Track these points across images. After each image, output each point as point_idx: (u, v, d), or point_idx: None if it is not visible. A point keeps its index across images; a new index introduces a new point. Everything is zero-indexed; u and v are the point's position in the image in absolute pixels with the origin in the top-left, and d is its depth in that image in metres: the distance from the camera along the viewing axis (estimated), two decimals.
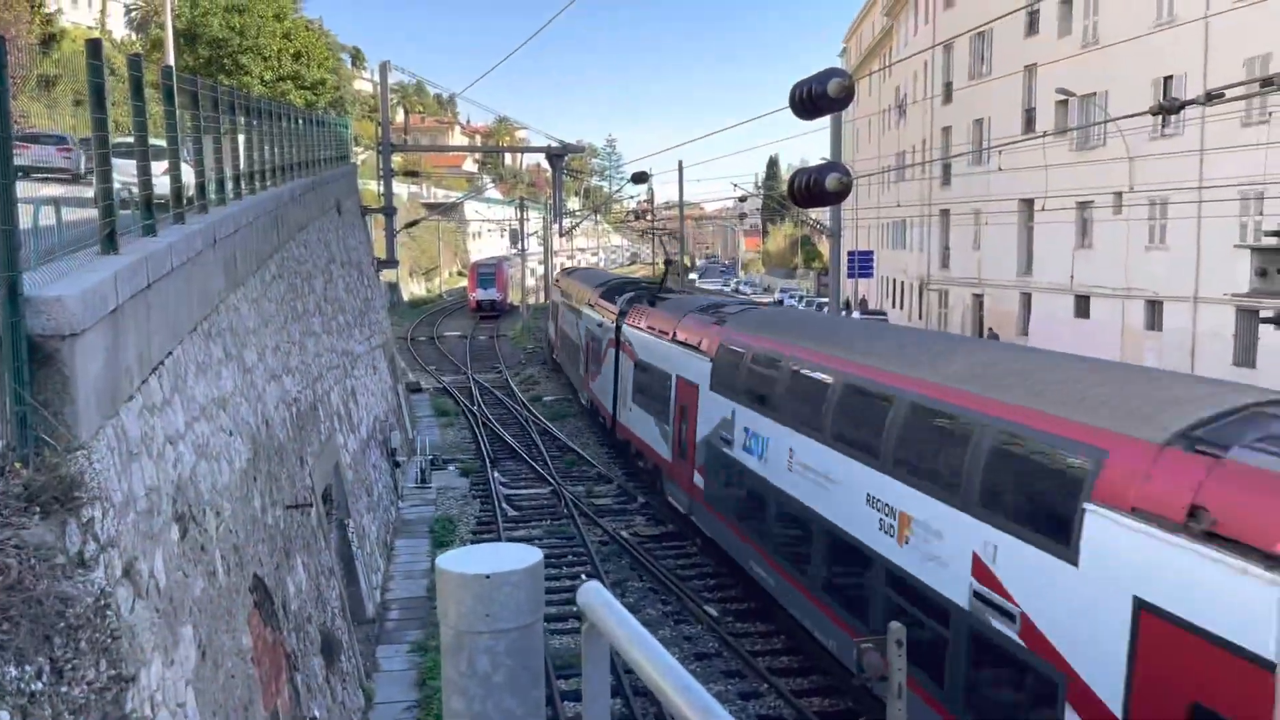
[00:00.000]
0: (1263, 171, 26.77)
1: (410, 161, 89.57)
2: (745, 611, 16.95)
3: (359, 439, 19.75)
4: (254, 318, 12.30)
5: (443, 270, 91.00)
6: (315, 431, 14.99)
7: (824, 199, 8.71)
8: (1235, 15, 29.33)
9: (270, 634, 9.50)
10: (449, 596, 2.19)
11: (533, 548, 2.31)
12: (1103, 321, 36.55)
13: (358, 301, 25.28)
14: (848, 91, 7.89)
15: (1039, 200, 38.36)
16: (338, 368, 19.12)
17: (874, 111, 64.91)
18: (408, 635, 15.78)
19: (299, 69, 50.01)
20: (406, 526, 21.64)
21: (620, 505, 23.68)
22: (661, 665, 1.92)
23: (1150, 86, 33.04)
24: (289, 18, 50.79)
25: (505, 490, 24.82)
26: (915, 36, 54.86)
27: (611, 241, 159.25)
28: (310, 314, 17.39)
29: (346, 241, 26.06)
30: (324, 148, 26.99)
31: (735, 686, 14.43)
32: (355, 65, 77.83)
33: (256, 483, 10.30)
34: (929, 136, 52.30)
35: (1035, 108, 41.47)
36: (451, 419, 33.90)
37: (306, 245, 18.91)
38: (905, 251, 57.90)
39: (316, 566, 12.62)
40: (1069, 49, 37.97)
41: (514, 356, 50.45)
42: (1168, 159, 31.68)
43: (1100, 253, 36.90)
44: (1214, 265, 30.49)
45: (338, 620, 13.05)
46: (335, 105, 53.88)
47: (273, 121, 18.49)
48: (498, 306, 67.69)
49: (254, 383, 11.40)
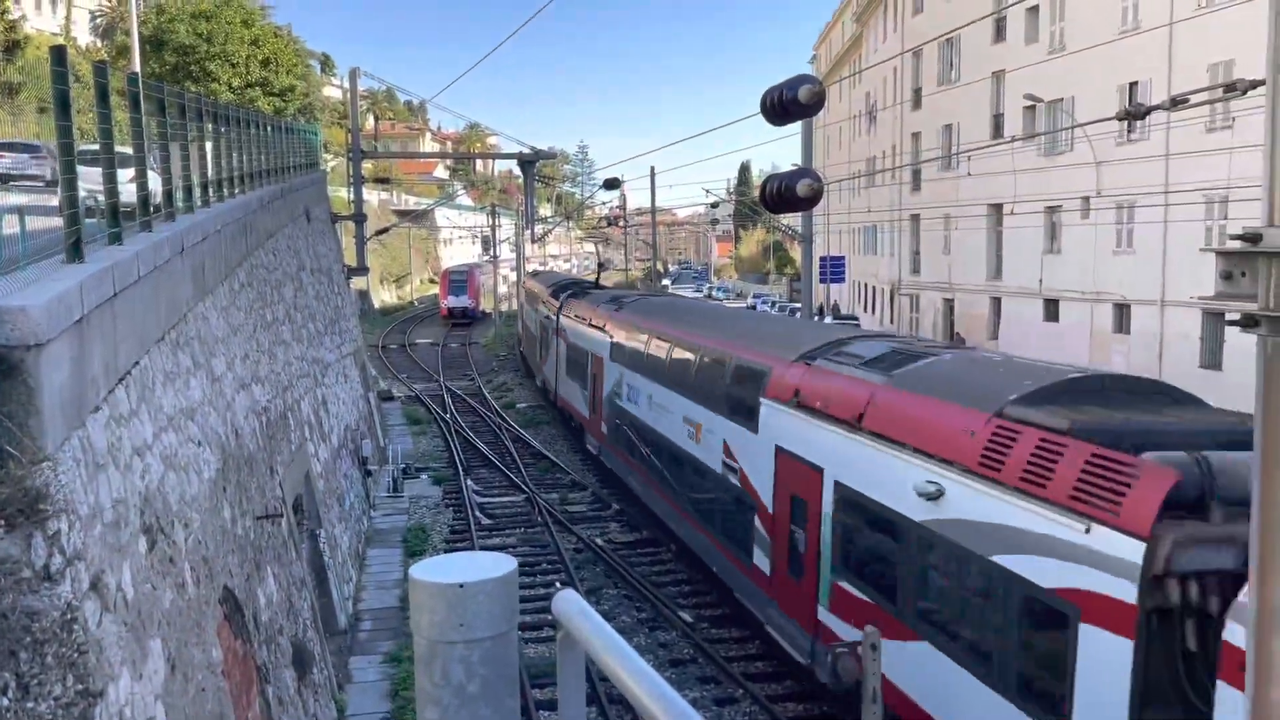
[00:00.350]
0: (1227, 176, 27.16)
1: (381, 168, 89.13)
2: (720, 617, 16.96)
3: (330, 448, 19.61)
4: (223, 326, 12.19)
5: (414, 277, 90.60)
6: (285, 441, 14.86)
7: (796, 204, 8.74)
8: (1198, 22, 29.78)
9: (241, 646, 9.40)
10: (422, 606, 2.17)
11: (506, 556, 2.30)
12: (1071, 324, 36.95)
13: (328, 309, 25.11)
14: (818, 97, 7.94)
15: (1008, 205, 38.75)
16: (308, 376, 18.97)
17: (844, 117, 65.34)
18: (381, 646, 15.67)
19: (267, 75, 49.65)
20: (379, 536, 21.48)
21: (595, 512, 23.64)
22: (637, 673, 1.91)
23: (1116, 92, 33.46)
24: (257, 24, 50.40)
25: (478, 498, 24.71)
26: (884, 43, 55.30)
27: (585, 248, 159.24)
28: (280, 322, 17.25)
29: (316, 249, 25.88)
30: (293, 155, 26.81)
31: (710, 692, 14.42)
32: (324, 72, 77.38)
33: (226, 493, 10.20)
34: (899, 142, 52.71)
35: (1003, 113, 41.90)
36: (424, 427, 33.73)
37: (276, 253, 18.76)
38: (876, 256, 58.27)
39: (288, 577, 12.50)
40: (1036, 55, 38.42)
41: (486, 364, 50.29)
42: (1134, 164, 32.10)
43: (1068, 257, 37.30)
44: (1180, 269, 30.90)
45: (309, 631, 12.93)
46: (304, 112, 53.51)
47: (241, 128, 18.35)
48: (470, 313, 67.46)
49: (223, 392, 11.29)
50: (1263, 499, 2.31)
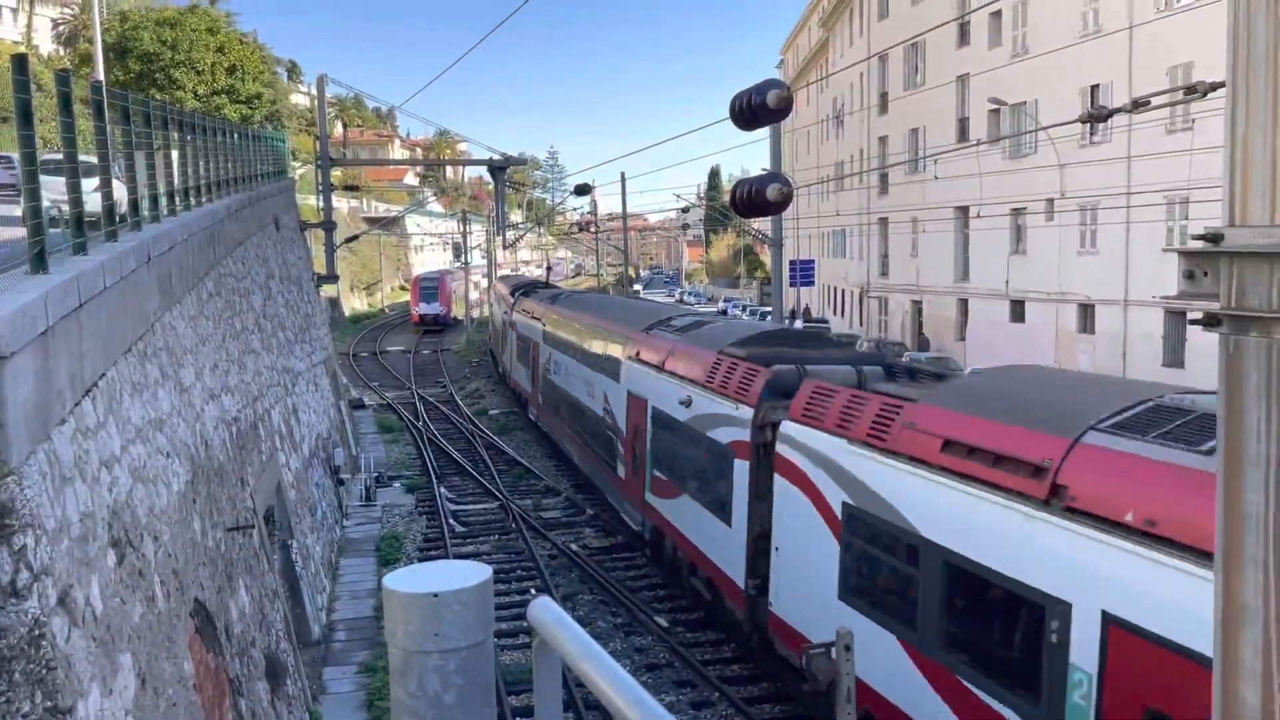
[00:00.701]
0: (1187, 177, 27.58)
1: (350, 175, 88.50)
2: (695, 621, 16.98)
3: (301, 457, 19.46)
4: (191, 336, 12.08)
5: (385, 285, 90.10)
6: (256, 451, 14.73)
7: (765, 209, 8.79)
8: (1157, 26, 30.23)
9: (213, 659, 9.30)
10: (396, 617, 2.17)
11: (481, 564, 2.30)
12: (1037, 325, 37.35)
13: (298, 318, 24.93)
14: (786, 102, 7.98)
15: (974, 207, 39.14)
16: (278, 385, 18.82)
17: (812, 122, 65.73)
18: (355, 656, 15.55)
19: (233, 83, 49.23)
20: (352, 545, 21.33)
21: (569, 518, 23.60)
22: (613, 678, 1.92)
23: (1078, 95, 33.90)
24: (222, 31, 49.96)
25: (452, 506, 24.60)
26: (851, 48, 55.69)
27: (556, 254, 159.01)
28: (249, 331, 17.11)
29: (285, 257, 25.70)
30: (261, 162, 26.61)
31: (687, 696, 14.43)
32: (292, 79, 76.84)
33: (196, 505, 10.10)
34: (866, 146, 53.09)
35: (969, 117, 42.32)
36: (396, 435, 33.54)
37: (244, 261, 18.61)
38: (845, 260, 58.63)
39: (260, 589, 12.39)
40: (999, 59, 38.85)
41: (459, 370, 50.08)
42: (1096, 166, 32.54)
43: (1034, 258, 37.71)
44: (1143, 269, 31.32)
45: (282, 643, 12.81)
46: (272, 119, 53.12)
47: (207, 136, 18.19)
48: (441, 320, 67.19)
49: (192, 403, 11.18)
50: (1227, 496, 2.35)
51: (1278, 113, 2.17)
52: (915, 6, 45.78)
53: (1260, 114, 2.21)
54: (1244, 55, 2.22)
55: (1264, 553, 2.26)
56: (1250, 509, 2.29)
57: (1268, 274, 2.22)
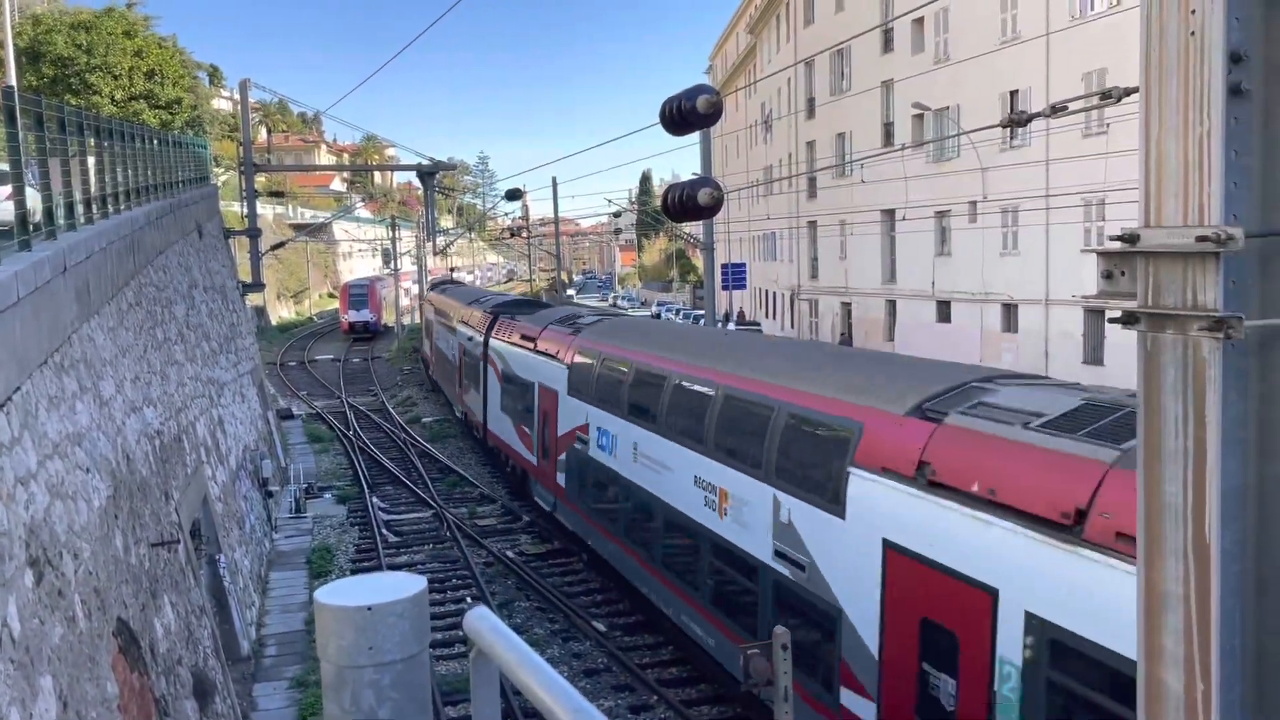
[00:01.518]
0: (1103, 179, 28.40)
1: (275, 181, 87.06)
2: (633, 625, 16.98)
3: (228, 470, 19.02)
4: (110, 348, 11.73)
5: (313, 292, 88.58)
6: (181, 464, 14.37)
7: (697, 213, 8.84)
8: (1072, 33, 31.10)
9: (138, 679, 9.04)
10: (329, 631, 2.12)
11: (416, 575, 2.26)
12: (963, 325, 38.12)
13: (223, 327, 24.39)
14: (716, 107, 8.03)
15: (900, 210, 39.83)
16: (203, 397, 18.38)
17: (742, 127, 66.29)
18: (287, 671, 15.24)
19: (152, 88, 47.96)
20: (282, 558, 20.92)
21: (505, 525, 23.44)
22: (551, 687, 1.91)
23: (998, 100, 34.72)
24: (140, 35, 48.65)
25: (385, 516, 24.26)
26: (778, 54, 56.32)
27: (488, 259, 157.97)
28: (172, 342, 16.69)
29: (209, 265, 25.12)
30: (182, 169, 25.99)
31: (626, 700, 14.42)
32: (213, 83, 75.05)
33: (118, 521, 9.81)
34: (794, 150, 53.70)
35: (893, 122, 43.07)
36: (326, 445, 32.98)
37: (166, 270, 18.15)
38: (776, 263, 59.22)
39: (186, 605, 12.08)
40: (922, 65, 39.60)
41: (390, 378, 49.44)
42: (1017, 169, 33.33)
43: (958, 260, 38.50)
44: (1063, 269, 32.18)
45: (211, 660, 12.51)
46: (193, 125, 51.85)
47: (125, 142, 17.71)
48: (371, 327, 66.28)
49: (112, 416, 10.86)
50: (1146, 488, 2.42)
51: (1189, 117, 2.25)
52: (840, 13, 46.47)
53: (1172, 118, 2.28)
54: (1156, 61, 2.29)
55: (1183, 543, 2.33)
56: (1169, 500, 2.36)
57: (1182, 273, 2.29)
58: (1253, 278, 2.26)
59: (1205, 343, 2.23)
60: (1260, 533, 2.32)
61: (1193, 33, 2.20)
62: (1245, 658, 2.32)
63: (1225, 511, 2.27)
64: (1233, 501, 2.28)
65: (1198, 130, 2.22)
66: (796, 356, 14.16)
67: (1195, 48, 2.20)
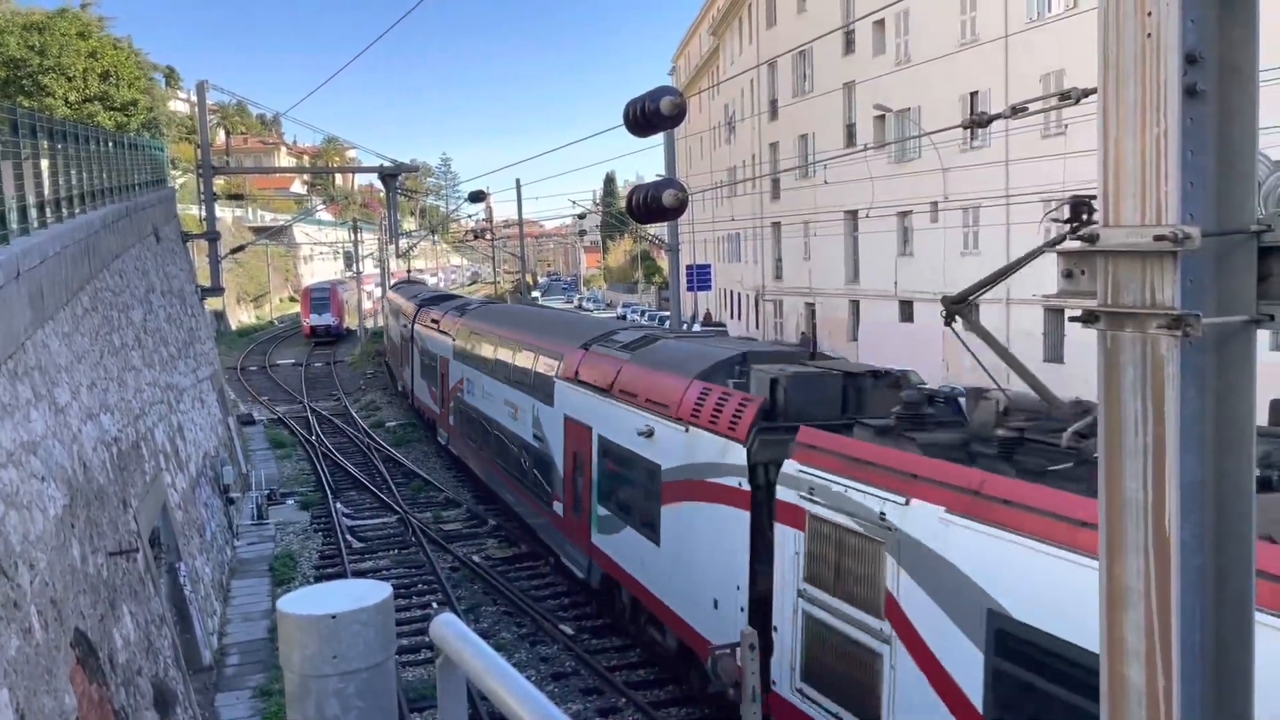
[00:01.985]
0: (1062, 179, 28.78)
1: (234, 184, 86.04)
2: (601, 628, 16.95)
3: (188, 477, 18.76)
4: (66, 354, 11.53)
5: (273, 296, 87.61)
6: (139, 471, 14.15)
7: (661, 214, 8.84)
8: (1030, 35, 31.50)
9: (96, 690, 8.88)
10: (292, 641, 2.09)
11: (381, 583, 2.24)
12: (925, 324, 38.46)
13: (181, 332, 24.06)
14: (680, 109, 8.04)
15: (863, 211, 40.12)
16: (162, 403, 18.12)
17: (705, 128, 66.46)
18: (250, 680, 15.05)
19: (107, 89, 47.19)
20: (244, 566, 20.66)
21: (470, 529, 23.31)
22: (518, 692, 1.89)
23: (958, 101, 35.09)
24: (95, 36, 47.85)
25: (349, 521, 24.04)
26: (741, 55, 56.53)
27: (451, 261, 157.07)
28: (129, 347, 16.43)
29: (167, 269, 24.78)
30: (139, 171, 25.60)
31: (594, 704, 14.39)
32: (170, 85, 73.98)
33: (75, 530, 9.63)
34: (758, 152, 53.93)
35: (855, 123, 43.38)
36: (289, 450, 32.62)
37: (123, 275, 17.87)
38: (741, 264, 59.43)
39: (146, 615, 11.89)
40: (884, 67, 39.93)
41: (353, 382, 49.02)
42: (977, 169, 33.69)
43: (920, 259, 38.85)
44: (1024, 268, 32.54)
45: (172, 670, 12.32)
46: (149, 127, 51.09)
47: (80, 145, 17.42)
48: (333, 331, 65.67)
49: (68, 423, 10.67)
50: (1108, 485, 2.44)
51: (1146, 118, 2.27)
52: (801, 15, 46.74)
53: (1130, 119, 2.30)
54: (1113, 63, 2.32)
55: (1144, 538, 2.36)
56: (1130, 496, 2.38)
57: (1140, 272, 2.32)
58: (1209, 276, 2.29)
59: (1164, 340, 2.26)
60: (1218, 527, 2.36)
61: (1149, 35, 2.23)
62: (1205, 652, 2.35)
63: (1185, 506, 2.30)
64: (1192, 496, 2.31)
65: (1155, 131, 2.25)
66: (557, 322, 22.59)
67: (1152, 49, 2.23)
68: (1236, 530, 2.36)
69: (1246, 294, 2.32)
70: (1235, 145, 2.30)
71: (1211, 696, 2.37)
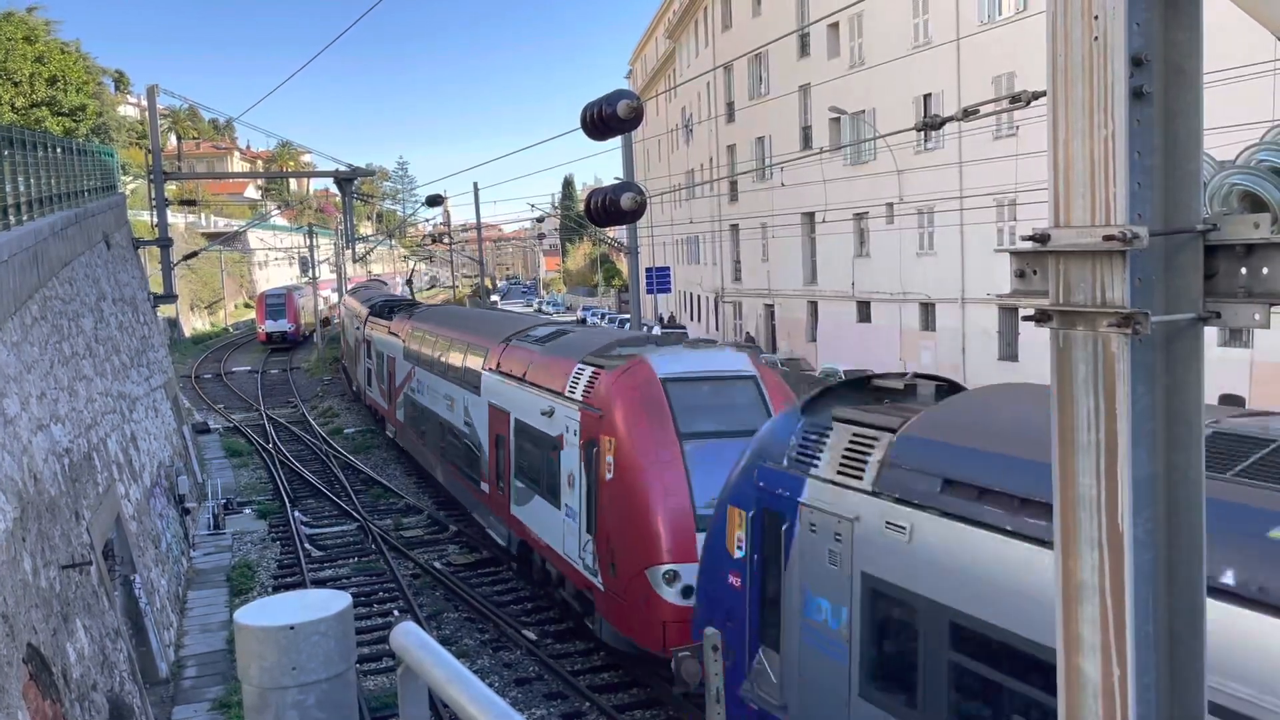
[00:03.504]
0: (1014, 180, 29.21)
1: (186, 190, 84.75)
2: (564, 631, 16.90)
3: (142, 487, 18.45)
4: (14, 364, 11.30)
5: (228, 302, 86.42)
6: (92, 483, 13.89)
7: (620, 217, 8.83)
8: (981, 38, 31.92)
9: (50, 707, 8.70)
10: (250, 653, 2.06)
11: (340, 592, 2.21)
12: (882, 324, 38.83)
13: (134, 340, 23.66)
14: (637, 112, 8.05)
15: (819, 213, 40.42)
16: (114, 412, 17.80)
17: (663, 131, 66.60)
18: (208, 692, 14.82)
19: (55, 94, 46.35)
20: (200, 576, 20.35)
21: (432, 535, 23.14)
22: (480, 700, 1.88)
23: (912, 103, 35.47)
24: (42, 40, 46.99)
25: (307, 530, 23.76)
26: (697, 58, 56.71)
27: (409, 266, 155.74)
28: (80, 356, 16.13)
29: (118, 277, 24.36)
30: (88, 177, 25.15)
31: (558, 708, 14.33)
32: (119, 90, 72.83)
33: (25, 543, 9.44)
34: (715, 154, 54.13)
35: (811, 125, 43.70)
36: (245, 459, 32.19)
37: (73, 283, 17.55)
38: (700, 266, 59.60)
39: (100, 628, 11.67)
40: (838, 70, 40.27)
41: (310, 389, 48.48)
42: (931, 171, 34.08)
43: (877, 260, 39.20)
44: (977, 268, 32.97)
45: (128, 684, 12.11)
46: (98, 132, 50.28)
47: (27, 150, 17.07)
48: (289, 337, 64.92)
49: (18, 434, 10.45)
50: (1062, 481, 2.47)
51: (1094, 119, 2.31)
52: (757, 18, 47.00)
53: (1079, 121, 2.34)
54: (1062, 65, 2.36)
55: (1098, 533, 2.40)
56: (1084, 492, 2.42)
57: (1091, 271, 2.36)
58: (1157, 274, 2.34)
59: (1114, 338, 2.30)
60: (1170, 520, 2.40)
61: (1096, 38, 2.27)
62: (1158, 643, 2.39)
63: (1137, 500, 2.34)
64: (1144, 490, 2.35)
65: (1103, 132, 2.29)
66: (486, 320, 25.07)
67: (1099, 52, 2.27)
68: (1187, 522, 2.41)
69: (1194, 291, 2.37)
70: (1181, 146, 2.34)
71: (1165, 687, 2.41)
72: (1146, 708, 2.37)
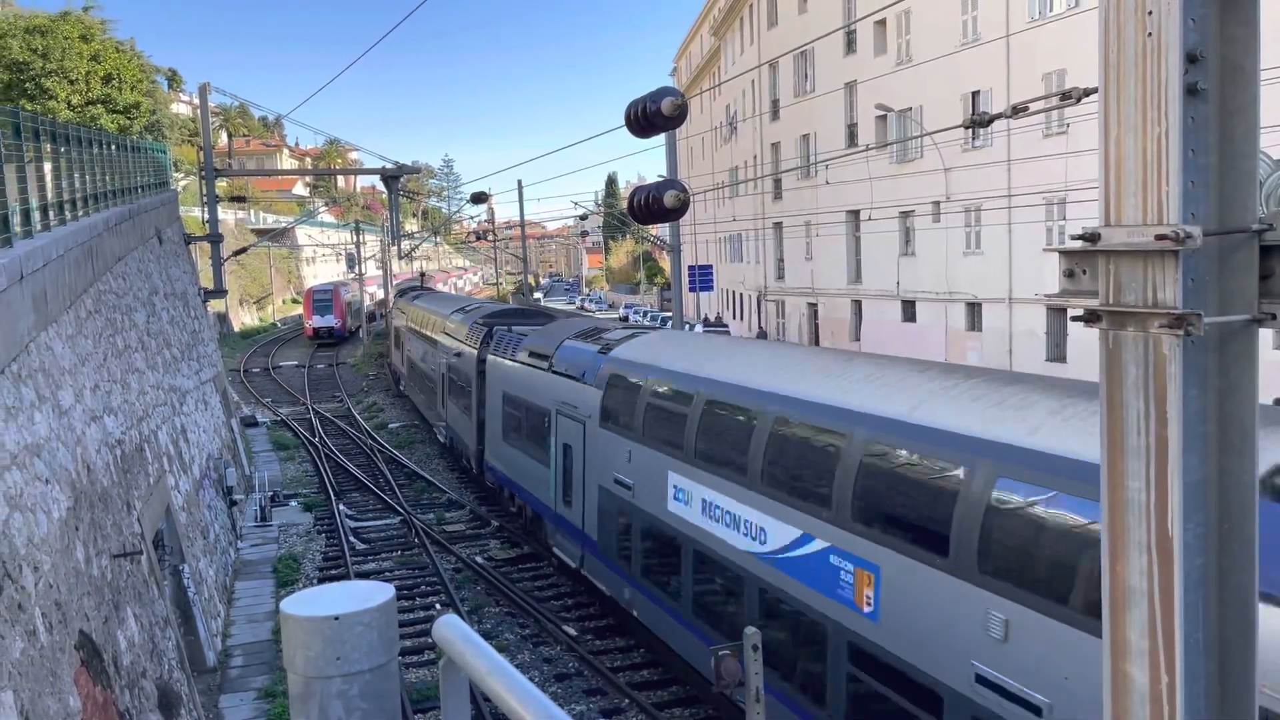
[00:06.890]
0: (1064, 179, 28.76)
1: (236, 186, 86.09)
2: (604, 628, 16.95)
3: (191, 479, 18.79)
4: (69, 356, 11.55)
5: (276, 298, 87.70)
6: (143, 474, 14.17)
7: (663, 215, 8.83)
8: (1031, 34, 31.47)
9: (101, 693, 8.90)
10: (295, 642, 2.09)
11: (384, 584, 2.24)
12: (928, 324, 38.43)
13: (184, 334, 24.09)
14: (681, 109, 8.03)
15: (864, 211, 40.09)
16: (165, 405, 18.14)
17: (706, 129, 66.45)
18: (253, 682, 15.07)
19: (110, 92, 47.27)
20: (247, 567, 20.69)
21: (474, 530, 23.33)
22: (521, 694, 1.89)
23: (960, 101, 35.05)
24: (97, 39, 47.93)
25: (352, 523, 24.06)
26: (742, 55, 56.52)
27: (454, 263, 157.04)
28: (132, 349, 16.46)
29: (169, 272, 24.81)
30: (141, 174, 25.64)
31: (597, 704, 14.39)
32: (173, 88, 74.05)
33: (79, 532, 9.65)
34: (760, 152, 53.90)
35: (857, 123, 43.34)
36: (292, 452, 32.67)
37: (126, 277, 17.91)
38: (743, 264, 59.40)
39: (150, 617, 11.90)
40: (885, 67, 39.90)
41: (355, 384, 49.07)
42: (979, 169, 33.66)
43: (922, 259, 38.81)
44: (1025, 268, 32.52)
45: (176, 672, 12.34)
46: (152, 130, 51.18)
47: (83, 148, 17.44)
48: (336, 333, 65.69)
49: (72, 426, 10.69)
50: (1110, 484, 2.44)
51: (1147, 117, 2.27)
52: (803, 15, 46.72)
53: (1131, 118, 2.30)
54: (1114, 61, 2.32)
55: (1147, 537, 2.36)
56: (1133, 496, 2.38)
57: (1142, 271, 2.32)
58: (1211, 275, 2.29)
59: (1165, 340, 2.26)
60: (1221, 526, 2.35)
61: (1150, 34, 2.23)
62: (1208, 651, 2.35)
63: (1187, 506, 2.30)
64: (1194, 496, 2.31)
65: (1156, 130, 2.25)
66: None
67: (1153, 48, 2.23)
68: (1239, 529, 2.36)
69: (1248, 293, 2.32)
70: (1237, 144, 2.29)
71: (1215, 694, 2.36)
72: (1195, 715, 2.33)
